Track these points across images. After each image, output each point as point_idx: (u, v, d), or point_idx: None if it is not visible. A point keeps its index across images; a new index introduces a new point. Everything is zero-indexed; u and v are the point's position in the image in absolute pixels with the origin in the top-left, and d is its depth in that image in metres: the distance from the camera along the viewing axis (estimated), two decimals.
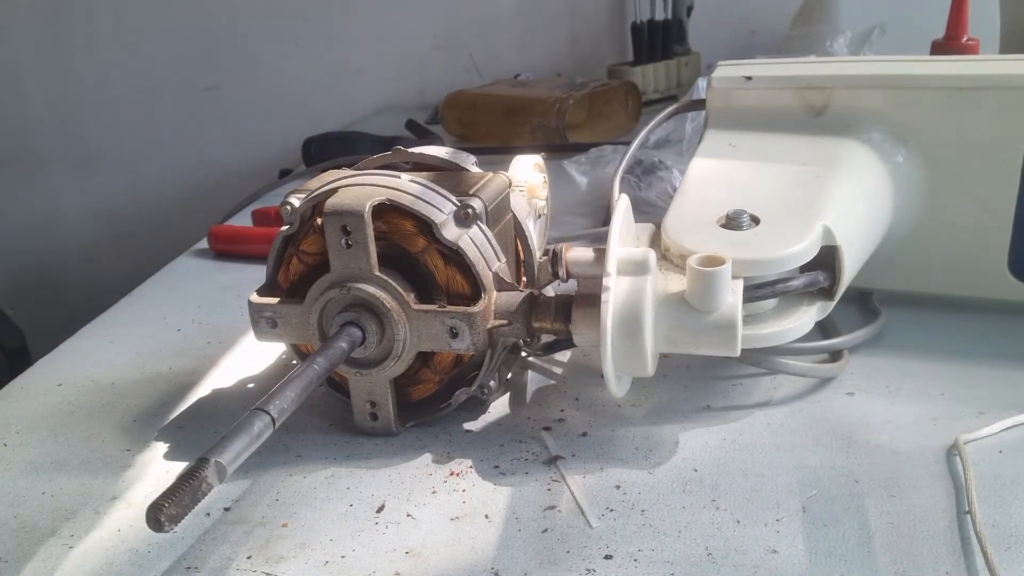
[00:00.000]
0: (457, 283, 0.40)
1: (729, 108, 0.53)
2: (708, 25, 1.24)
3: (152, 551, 0.35)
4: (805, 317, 0.43)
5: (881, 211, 0.48)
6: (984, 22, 0.79)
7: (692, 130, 0.76)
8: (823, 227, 0.42)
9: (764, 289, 0.41)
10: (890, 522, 0.34)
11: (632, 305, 0.37)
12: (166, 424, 0.45)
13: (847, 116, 0.50)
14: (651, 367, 0.38)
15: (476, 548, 0.34)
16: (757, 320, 0.42)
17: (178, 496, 0.29)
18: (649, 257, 0.38)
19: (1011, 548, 0.32)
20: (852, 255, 0.44)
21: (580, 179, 0.73)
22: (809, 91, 0.51)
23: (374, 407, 0.41)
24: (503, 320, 0.39)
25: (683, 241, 0.42)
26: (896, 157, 0.49)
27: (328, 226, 0.38)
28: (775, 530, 0.34)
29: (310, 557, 0.34)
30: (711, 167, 0.50)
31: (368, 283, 0.39)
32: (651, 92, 1.14)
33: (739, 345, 0.38)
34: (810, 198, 0.45)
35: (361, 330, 0.39)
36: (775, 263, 0.41)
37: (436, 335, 0.39)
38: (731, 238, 0.42)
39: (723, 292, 0.37)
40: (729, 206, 0.43)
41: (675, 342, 0.39)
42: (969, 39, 0.62)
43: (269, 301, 0.41)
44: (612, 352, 0.37)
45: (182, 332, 0.55)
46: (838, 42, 0.84)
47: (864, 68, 0.51)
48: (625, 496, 0.37)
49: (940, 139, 0.48)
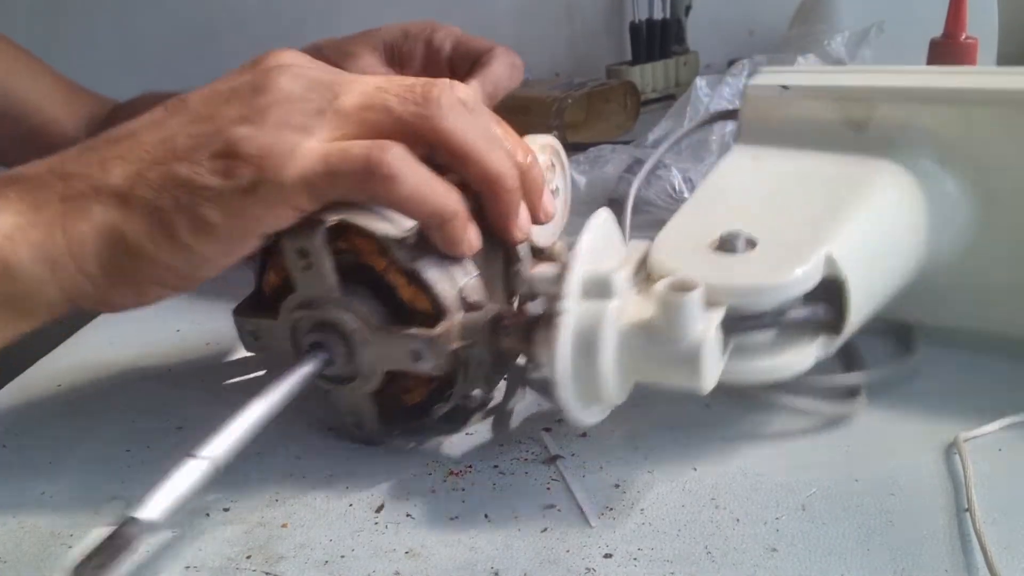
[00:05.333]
0: (421, 302, 0.38)
1: (763, 120, 0.48)
2: (706, 25, 1.24)
3: (151, 551, 0.35)
4: (803, 354, 0.38)
5: (911, 243, 0.43)
6: (983, 21, 0.80)
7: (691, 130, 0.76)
8: (825, 255, 0.38)
9: (750, 320, 0.37)
10: (889, 520, 0.34)
11: (589, 330, 0.34)
12: (166, 425, 0.45)
13: (891, 133, 0.44)
14: (617, 395, 0.36)
15: (476, 547, 0.34)
16: (751, 353, 0.38)
17: (104, 556, 0.29)
18: (613, 279, 0.35)
19: (1011, 546, 0.32)
20: (863, 289, 0.39)
21: (579, 178, 0.72)
22: (850, 103, 0.45)
23: (356, 419, 0.41)
24: (467, 341, 0.37)
25: (664, 263, 0.38)
26: (943, 183, 0.43)
27: (285, 249, 0.37)
28: (775, 528, 0.34)
29: (309, 557, 0.34)
30: (725, 183, 0.46)
31: (331, 304, 0.38)
32: (649, 92, 1.14)
33: (706, 379, 0.34)
34: (820, 223, 0.40)
35: (328, 352, 0.38)
36: (760, 292, 0.37)
37: (400, 357, 0.37)
38: (719, 262, 0.38)
39: (691, 321, 0.34)
40: (730, 226, 0.40)
41: (641, 371, 0.36)
42: (967, 37, 0.62)
43: (248, 317, 0.41)
44: (567, 379, 0.35)
45: (181, 333, 0.55)
46: (836, 41, 0.84)
47: (913, 79, 0.46)
48: (624, 495, 0.37)
49: (1002, 164, 0.43)
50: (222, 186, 0.33)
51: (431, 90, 0.36)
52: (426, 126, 0.36)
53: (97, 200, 0.34)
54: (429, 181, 0.36)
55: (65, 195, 0.34)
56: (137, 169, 0.34)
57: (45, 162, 0.35)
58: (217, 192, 0.33)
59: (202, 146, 0.34)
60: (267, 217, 0.34)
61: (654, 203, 0.67)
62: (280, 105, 0.35)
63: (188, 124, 0.35)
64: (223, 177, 0.33)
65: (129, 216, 0.34)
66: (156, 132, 0.35)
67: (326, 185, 0.34)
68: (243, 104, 0.35)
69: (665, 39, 1.18)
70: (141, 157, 0.34)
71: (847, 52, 0.83)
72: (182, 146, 0.34)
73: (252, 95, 0.35)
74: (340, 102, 0.35)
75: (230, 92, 0.36)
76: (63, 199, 0.34)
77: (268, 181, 0.33)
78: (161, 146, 0.35)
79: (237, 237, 0.35)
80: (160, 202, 0.34)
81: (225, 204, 0.33)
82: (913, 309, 0.45)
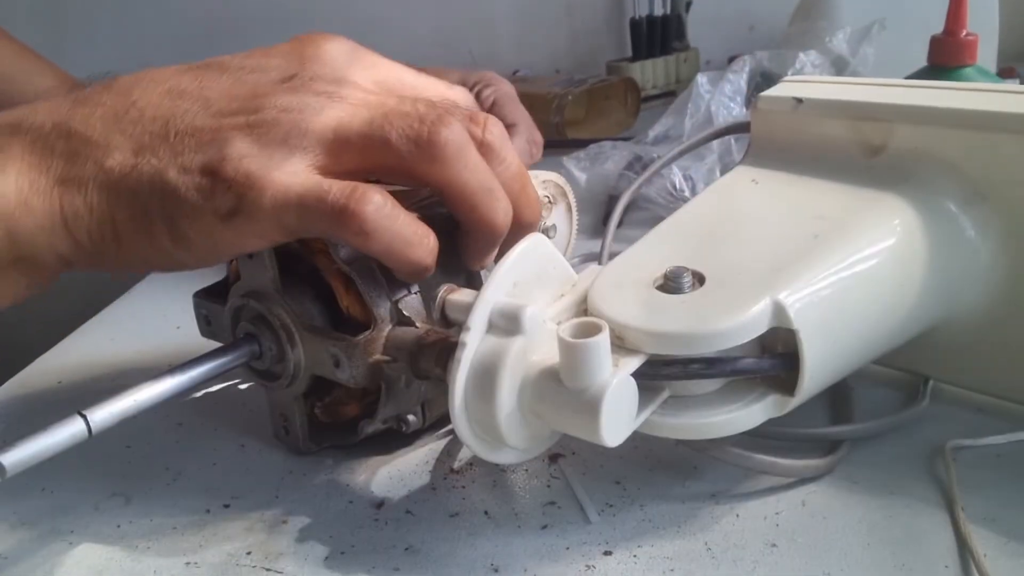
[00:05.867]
0: (356, 310, 0.37)
1: (772, 137, 0.43)
2: (707, 21, 1.24)
3: (152, 547, 0.35)
4: (748, 411, 0.34)
5: (914, 294, 0.37)
6: (983, 17, 0.79)
7: (691, 126, 0.76)
8: (772, 303, 0.33)
9: (675, 368, 0.33)
10: (889, 515, 0.34)
11: (488, 367, 0.32)
12: (166, 422, 0.45)
13: (908, 162, 0.38)
14: (520, 440, 0.33)
15: (476, 544, 0.34)
16: (689, 405, 0.34)
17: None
18: (522, 314, 0.32)
19: (1009, 544, 0.32)
20: (825, 345, 0.34)
21: (579, 175, 0.72)
22: (866, 123, 0.39)
23: (285, 421, 0.40)
24: (388, 356, 0.35)
25: (597, 302, 0.34)
26: (962, 227, 0.37)
27: None
28: (774, 524, 0.34)
29: (310, 553, 0.34)
30: (705, 209, 0.41)
31: (268, 298, 0.37)
32: (650, 88, 1.14)
33: (608, 433, 0.31)
34: (785, 265, 0.34)
35: (259, 344, 0.38)
36: (683, 341, 0.32)
37: (323, 361, 0.36)
38: (653, 302, 0.34)
39: (593, 368, 0.30)
40: (683, 261, 0.35)
41: (543, 416, 0.33)
42: (968, 34, 0.62)
43: (203, 300, 0.41)
44: (461, 415, 0.32)
45: (182, 329, 0.55)
46: (837, 38, 0.84)
47: (939, 98, 0.39)
48: (625, 492, 0.37)
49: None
50: (201, 206, 0.33)
51: (439, 131, 0.34)
52: (420, 169, 0.34)
53: (94, 178, 0.34)
54: (406, 235, 0.34)
55: (67, 156, 0.34)
56: (134, 154, 0.34)
57: (51, 110, 0.35)
58: (195, 210, 0.33)
59: (199, 147, 0.34)
60: (241, 244, 0.34)
61: (654, 201, 0.67)
62: (288, 124, 0.34)
63: (196, 112, 0.35)
64: (204, 197, 0.33)
65: (118, 204, 0.34)
66: (163, 109, 0.35)
67: (299, 225, 0.33)
68: (253, 111, 0.34)
69: (666, 35, 1.18)
70: (140, 140, 0.34)
71: (849, 49, 0.83)
72: (180, 139, 0.34)
73: (267, 98, 0.34)
74: (345, 125, 0.34)
75: (251, 90, 0.35)
76: (66, 160, 0.34)
77: (244, 213, 0.33)
78: (162, 129, 0.34)
79: (213, 254, 0.35)
80: (146, 201, 0.34)
81: (200, 224, 0.33)
82: (925, 364, 0.41)
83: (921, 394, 0.40)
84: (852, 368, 0.37)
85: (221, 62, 0.37)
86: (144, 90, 0.35)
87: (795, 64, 0.79)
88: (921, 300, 0.37)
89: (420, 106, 0.35)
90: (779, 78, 0.52)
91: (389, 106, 0.35)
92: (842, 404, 0.41)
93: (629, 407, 0.32)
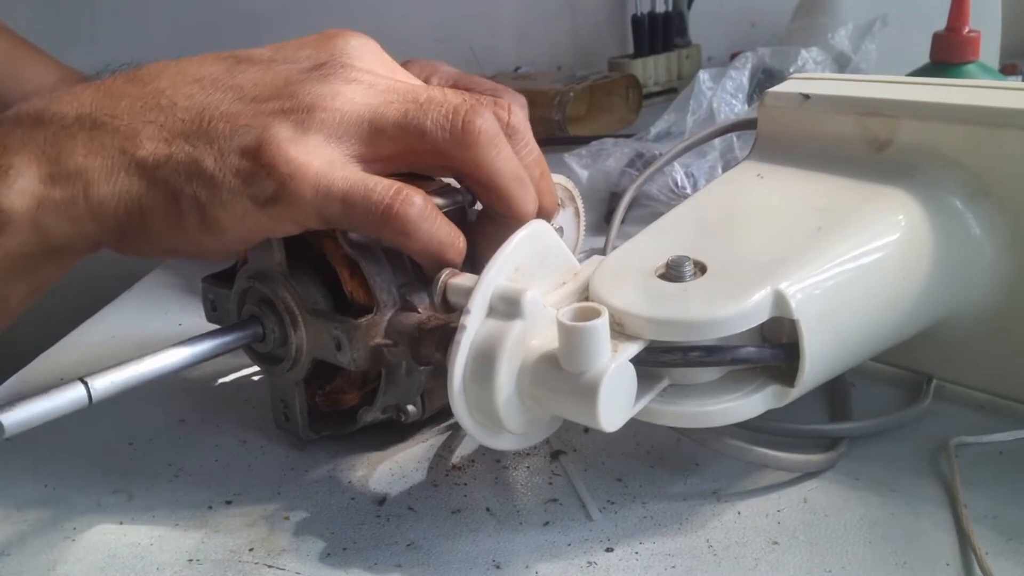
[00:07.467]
0: (360, 295, 0.37)
1: (779, 133, 0.43)
2: (708, 17, 1.24)
3: (154, 543, 0.35)
4: (746, 401, 0.34)
5: (918, 290, 0.37)
6: (985, 14, 0.79)
7: (693, 123, 0.76)
8: (773, 292, 0.33)
9: (674, 355, 0.33)
10: (891, 512, 0.34)
11: (488, 350, 0.32)
12: (168, 418, 0.45)
13: (913, 157, 0.38)
14: (519, 425, 0.33)
15: (477, 541, 0.34)
16: (688, 394, 0.34)
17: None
18: (523, 298, 0.32)
19: (1010, 542, 0.32)
20: (826, 337, 0.34)
21: (581, 172, 0.72)
22: (871, 118, 0.40)
23: (285, 407, 0.40)
24: (389, 340, 0.36)
25: (598, 288, 0.34)
26: (967, 223, 0.37)
27: None
28: (776, 521, 0.34)
29: (311, 549, 0.34)
30: (709, 202, 0.41)
31: (274, 281, 0.38)
32: (651, 85, 1.14)
33: (606, 417, 0.31)
34: (787, 256, 0.34)
35: (262, 326, 0.38)
36: (684, 328, 0.32)
37: (324, 344, 0.36)
38: (655, 290, 0.34)
39: (592, 352, 0.30)
40: (685, 251, 0.35)
41: (541, 400, 0.33)
42: (970, 31, 0.62)
43: (211, 285, 0.41)
44: (460, 399, 0.32)
45: (184, 327, 0.55)
46: (839, 34, 0.84)
47: (942, 95, 0.39)
48: (627, 489, 0.37)
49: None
50: (239, 191, 0.33)
51: (473, 120, 0.34)
52: (457, 157, 0.35)
53: (124, 167, 0.34)
54: (441, 238, 0.35)
55: (90, 149, 0.34)
56: (167, 143, 0.34)
57: (72, 101, 0.35)
58: (232, 195, 0.33)
59: (236, 132, 0.34)
60: (274, 230, 0.35)
61: (656, 197, 0.67)
62: (324, 110, 0.34)
63: (232, 100, 0.35)
64: (244, 182, 0.33)
65: (150, 191, 0.34)
66: (196, 98, 0.35)
67: (340, 218, 0.34)
68: (289, 97, 0.34)
69: (667, 32, 1.17)
70: (173, 128, 0.34)
71: (851, 45, 0.83)
72: (215, 126, 0.34)
73: (300, 85, 0.34)
74: (381, 114, 0.35)
75: (284, 78, 0.35)
76: (90, 150, 0.34)
77: (285, 200, 0.33)
78: (196, 117, 0.34)
79: (241, 240, 0.35)
80: (179, 189, 0.34)
81: (236, 209, 0.33)
82: (927, 362, 0.41)
83: (924, 392, 0.40)
84: (854, 362, 0.37)
85: (249, 54, 0.37)
86: (171, 80, 0.35)
87: (797, 61, 0.79)
88: (924, 296, 0.37)
89: (451, 95, 0.35)
90: (781, 75, 0.52)
91: (421, 94, 0.35)
92: (843, 402, 0.41)
93: (627, 392, 0.32)
